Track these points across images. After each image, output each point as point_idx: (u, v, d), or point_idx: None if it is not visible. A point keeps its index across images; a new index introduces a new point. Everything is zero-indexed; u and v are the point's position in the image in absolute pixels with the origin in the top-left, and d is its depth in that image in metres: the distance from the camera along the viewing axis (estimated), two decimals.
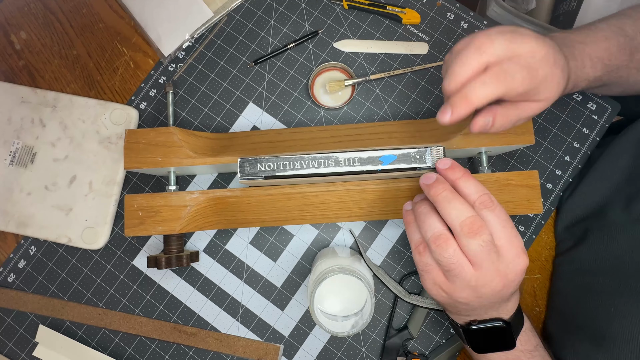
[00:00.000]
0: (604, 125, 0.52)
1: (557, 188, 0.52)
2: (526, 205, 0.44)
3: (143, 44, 0.55)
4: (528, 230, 0.52)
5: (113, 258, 0.52)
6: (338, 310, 0.42)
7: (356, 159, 0.43)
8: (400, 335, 0.49)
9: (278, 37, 0.54)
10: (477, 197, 0.36)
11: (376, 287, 0.51)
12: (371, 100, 0.53)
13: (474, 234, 0.35)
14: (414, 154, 0.42)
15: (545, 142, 0.52)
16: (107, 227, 0.51)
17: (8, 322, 0.52)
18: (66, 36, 0.56)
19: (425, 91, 0.53)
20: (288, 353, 0.50)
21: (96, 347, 0.51)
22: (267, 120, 0.53)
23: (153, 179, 0.53)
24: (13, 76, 0.55)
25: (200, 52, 0.55)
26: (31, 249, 0.52)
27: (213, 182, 0.53)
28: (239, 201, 0.46)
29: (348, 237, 0.52)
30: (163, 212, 0.45)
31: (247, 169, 0.43)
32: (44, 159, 0.52)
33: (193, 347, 0.51)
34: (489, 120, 0.37)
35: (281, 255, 0.52)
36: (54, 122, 0.52)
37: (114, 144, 0.52)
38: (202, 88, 0.54)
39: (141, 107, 0.54)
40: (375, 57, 0.54)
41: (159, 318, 0.51)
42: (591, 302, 0.45)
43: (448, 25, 0.54)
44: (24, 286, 0.52)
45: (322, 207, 0.46)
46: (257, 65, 0.54)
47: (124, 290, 0.52)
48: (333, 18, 0.54)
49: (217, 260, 0.52)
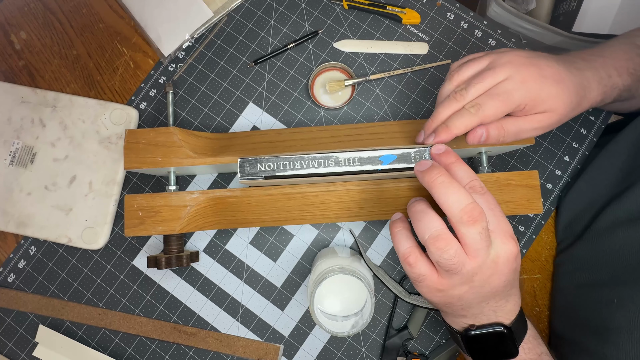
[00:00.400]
0: (600, 127, 0.53)
1: (557, 188, 0.52)
2: (526, 205, 0.44)
3: (143, 44, 0.55)
4: (528, 230, 0.52)
5: (113, 258, 0.52)
6: (338, 310, 0.42)
7: (356, 158, 0.43)
8: (400, 335, 0.49)
9: (278, 37, 0.54)
10: (468, 182, 0.36)
11: (376, 287, 0.51)
12: (371, 100, 0.53)
13: (474, 222, 0.34)
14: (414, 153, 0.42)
15: (545, 142, 0.52)
16: (107, 227, 0.51)
17: (8, 322, 0.52)
18: (66, 36, 0.56)
19: (425, 91, 0.53)
20: (288, 353, 0.50)
21: (96, 347, 0.51)
22: (267, 120, 0.53)
23: (153, 179, 0.53)
24: (13, 76, 0.55)
25: (200, 52, 0.55)
26: (31, 249, 0.52)
27: (213, 182, 0.53)
28: (239, 201, 0.46)
29: (348, 237, 0.52)
30: (163, 212, 0.45)
31: (247, 169, 0.43)
32: (44, 159, 0.52)
33: (193, 347, 0.51)
34: (482, 133, 0.39)
35: (281, 255, 0.52)
36: (54, 122, 0.52)
37: (114, 144, 0.52)
38: (202, 88, 0.54)
39: (141, 107, 0.54)
40: (375, 57, 0.54)
41: (159, 318, 0.51)
42: (593, 297, 0.45)
43: (448, 25, 0.54)
44: (24, 286, 0.52)
45: (322, 207, 0.46)
46: (257, 65, 0.54)
47: (124, 290, 0.52)
48: (333, 18, 0.54)
49: (217, 260, 0.52)
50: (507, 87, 0.39)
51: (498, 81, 0.39)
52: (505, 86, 0.39)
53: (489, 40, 0.54)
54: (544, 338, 0.52)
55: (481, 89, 0.39)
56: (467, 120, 0.39)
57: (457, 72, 0.41)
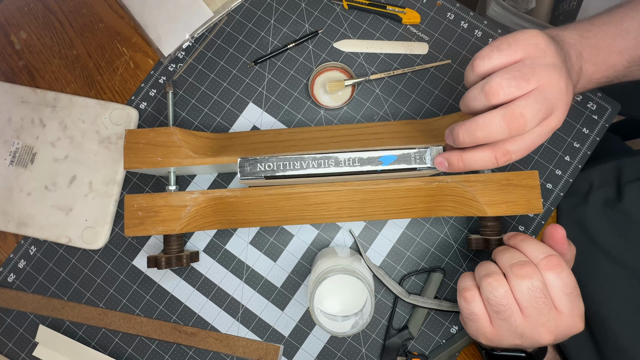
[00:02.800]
0: (604, 125, 0.52)
1: (557, 188, 0.52)
2: (526, 205, 0.44)
3: (143, 44, 0.55)
4: (528, 230, 0.52)
5: (113, 258, 0.52)
6: (338, 310, 0.42)
7: (356, 159, 0.43)
8: (400, 335, 0.49)
9: (278, 37, 0.54)
10: (544, 257, 0.36)
11: (376, 287, 0.51)
12: (371, 100, 0.53)
13: (522, 276, 0.35)
14: (414, 154, 0.42)
15: (545, 142, 0.52)
16: (107, 227, 0.51)
17: (8, 322, 0.52)
18: (66, 36, 0.56)
19: (425, 91, 0.53)
20: (288, 353, 0.50)
21: (96, 347, 0.51)
22: (267, 120, 0.53)
23: (153, 179, 0.53)
24: (13, 76, 0.55)
25: (200, 52, 0.55)
26: (31, 249, 0.52)
27: (213, 182, 0.53)
28: (239, 201, 0.46)
29: (348, 237, 0.52)
30: (163, 212, 0.45)
31: (247, 169, 0.43)
32: (44, 159, 0.52)
33: (193, 347, 0.51)
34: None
35: (281, 255, 0.52)
36: (54, 122, 0.52)
37: (114, 144, 0.52)
38: (202, 88, 0.54)
39: (141, 107, 0.54)
40: (375, 57, 0.54)
41: (159, 318, 0.51)
42: (587, 289, 0.45)
43: (448, 25, 0.54)
44: (24, 286, 0.52)
45: (322, 207, 0.46)
46: (257, 65, 0.54)
47: (124, 290, 0.52)
48: (333, 18, 0.54)
49: (217, 260, 0.52)
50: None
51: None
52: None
53: (489, 40, 0.54)
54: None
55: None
56: (485, 157, 0.38)
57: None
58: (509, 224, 0.52)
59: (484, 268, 0.38)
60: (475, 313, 0.37)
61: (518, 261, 0.36)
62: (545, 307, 0.35)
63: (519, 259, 0.36)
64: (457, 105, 0.53)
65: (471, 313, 0.37)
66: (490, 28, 0.54)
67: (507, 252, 0.38)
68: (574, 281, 0.36)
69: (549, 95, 0.34)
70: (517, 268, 0.35)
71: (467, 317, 0.38)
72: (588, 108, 0.52)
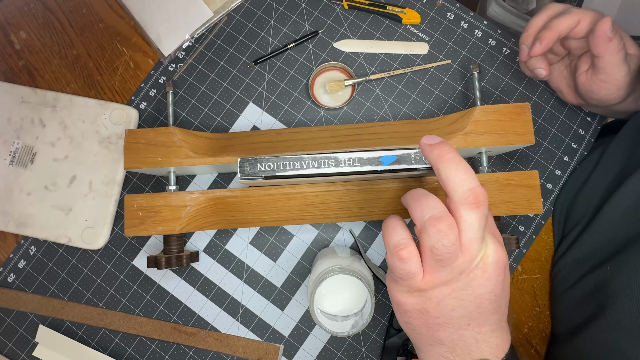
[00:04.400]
0: (597, 128, 0.53)
1: (557, 188, 0.52)
2: (526, 205, 0.44)
3: (143, 44, 0.55)
4: (528, 230, 0.52)
5: (113, 258, 0.52)
6: (338, 310, 0.42)
7: (356, 159, 0.43)
8: (400, 335, 0.49)
9: (278, 37, 0.54)
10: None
11: (376, 287, 0.51)
12: (371, 100, 0.53)
13: (478, 205, 0.30)
14: (414, 154, 0.42)
15: (545, 142, 0.52)
16: (107, 227, 0.51)
17: (8, 322, 0.52)
18: (66, 36, 0.56)
19: (425, 91, 0.53)
20: (288, 353, 0.50)
21: (96, 347, 0.51)
22: (267, 120, 0.53)
23: (153, 179, 0.53)
24: (13, 76, 0.55)
25: (200, 52, 0.55)
26: (31, 249, 0.52)
27: (213, 182, 0.53)
28: (239, 201, 0.46)
29: (348, 237, 0.52)
30: (163, 212, 0.45)
31: (247, 169, 0.43)
32: (43, 159, 0.52)
33: (193, 347, 0.51)
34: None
35: (281, 255, 0.52)
36: (54, 122, 0.52)
37: (114, 144, 0.52)
38: (202, 88, 0.54)
39: (141, 107, 0.54)
40: (375, 57, 0.54)
41: (159, 318, 0.51)
42: (591, 280, 0.44)
43: (448, 25, 0.54)
44: (24, 286, 0.52)
45: (322, 207, 0.46)
46: (257, 65, 0.54)
47: (124, 290, 0.52)
48: (333, 18, 0.54)
49: (217, 260, 0.52)
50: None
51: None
52: None
53: (489, 40, 0.54)
54: (544, 338, 0.52)
55: None
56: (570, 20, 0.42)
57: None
58: (509, 223, 0.52)
59: (428, 206, 0.31)
60: (413, 272, 0.31)
61: (475, 186, 0.30)
62: (483, 233, 0.31)
63: (475, 184, 0.31)
64: (457, 105, 0.53)
65: (407, 273, 0.31)
66: (490, 28, 0.54)
67: (459, 166, 0.31)
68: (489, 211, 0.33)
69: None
70: (473, 197, 0.30)
71: (402, 277, 0.31)
72: (583, 110, 0.53)
